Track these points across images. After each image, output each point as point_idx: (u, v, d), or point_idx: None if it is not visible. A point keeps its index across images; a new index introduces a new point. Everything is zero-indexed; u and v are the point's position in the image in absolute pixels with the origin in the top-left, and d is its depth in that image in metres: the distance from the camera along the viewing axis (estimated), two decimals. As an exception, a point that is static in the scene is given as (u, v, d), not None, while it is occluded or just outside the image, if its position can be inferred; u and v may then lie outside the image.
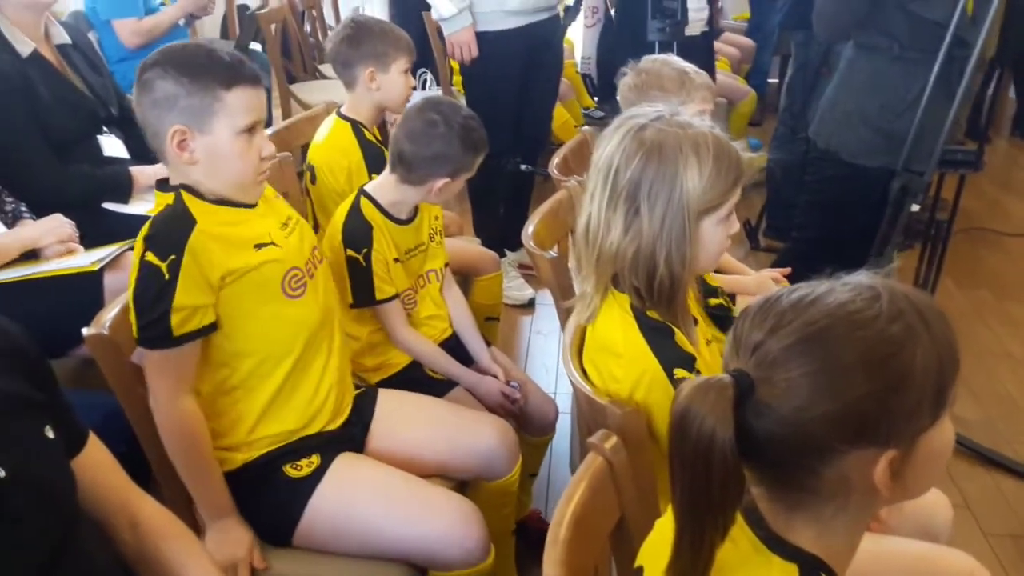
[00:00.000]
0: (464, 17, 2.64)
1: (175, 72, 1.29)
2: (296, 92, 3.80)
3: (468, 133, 1.73)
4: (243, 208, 1.40)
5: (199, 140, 1.32)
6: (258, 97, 1.36)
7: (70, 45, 2.33)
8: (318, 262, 1.52)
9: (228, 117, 1.31)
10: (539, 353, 2.82)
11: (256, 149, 1.36)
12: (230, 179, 1.37)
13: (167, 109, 1.30)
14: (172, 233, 1.31)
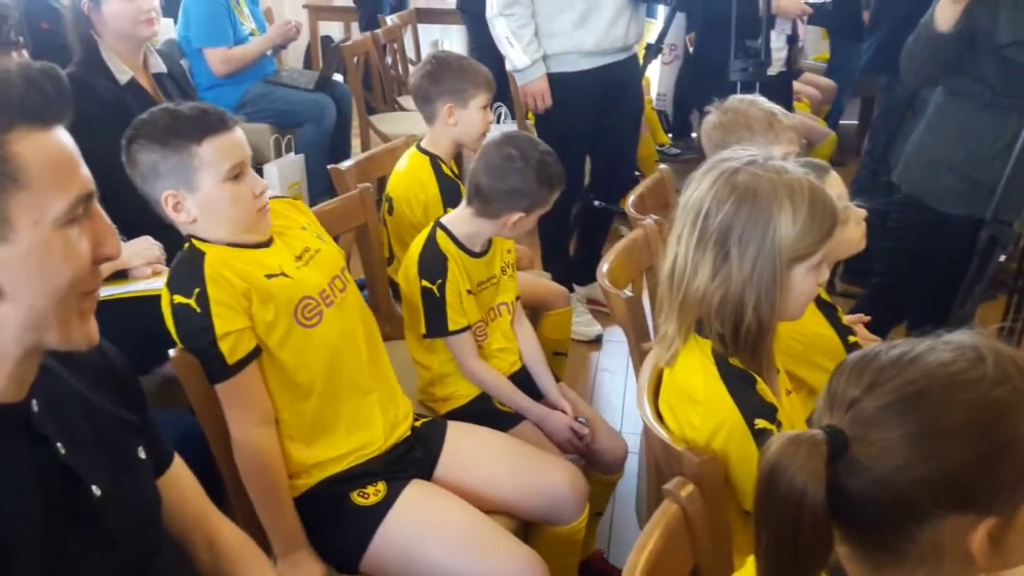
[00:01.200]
0: (538, 67, 2.65)
1: (147, 141, 1.34)
2: (375, 123, 3.88)
3: (544, 168, 1.74)
4: (253, 249, 1.44)
5: (191, 199, 1.36)
6: (232, 140, 1.37)
7: (165, 74, 2.43)
8: (339, 290, 1.53)
9: (209, 168, 1.34)
10: (605, 390, 2.80)
11: (247, 189, 1.39)
12: (231, 225, 1.40)
13: (153, 178, 1.35)
14: (187, 269, 1.36)
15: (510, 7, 2.57)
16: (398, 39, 4.40)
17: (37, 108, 0.78)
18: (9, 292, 0.78)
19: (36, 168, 0.77)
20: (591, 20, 2.63)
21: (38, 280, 0.78)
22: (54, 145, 0.80)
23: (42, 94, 0.78)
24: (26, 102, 0.77)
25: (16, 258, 0.77)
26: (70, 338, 0.83)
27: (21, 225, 0.76)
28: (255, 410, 1.39)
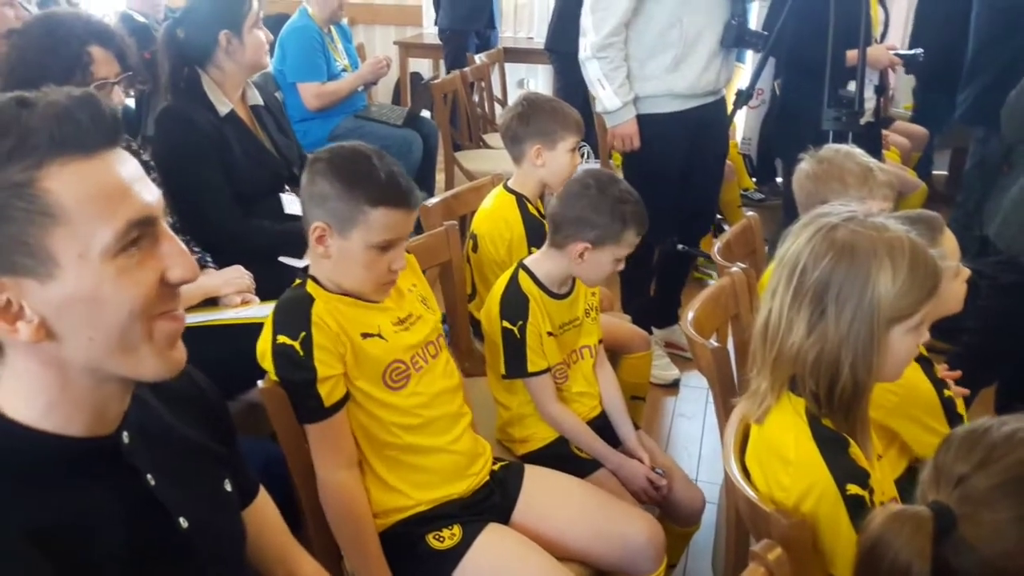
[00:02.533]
0: (628, 110, 2.65)
1: (334, 174, 1.37)
2: (460, 159, 3.94)
3: (619, 204, 1.72)
4: (361, 302, 1.47)
5: (336, 241, 1.40)
6: (403, 219, 1.41)
7: (262, 107, 2.52)
8: (431, 356, 1.55)
9: (366, 232, 1.38)
10: (682, 437, 2.75)
11: (386, 263, 1.42)
12: (353, 282, 1.44)
13: (318, 204, 1.39)
14: (296, 312, 1.39)
15: (604, 50, 2.59)
16: (485, 78, 4.47)
17: (71, 140, 0.76)
18: (66, 330, 0.77)
19: (74, 201, 0.75)
20: (685, 64, 2.63)
21: (94, 313, 0.77)
22: (96, 174, 0.77)
23: (77, 125, 0.76)
24: (56, 135, 0.75)
25: (67, 294, 0.76)
26: (143, 367, 0.82)
27: (66, 260, 0.75)
28: (342, 453, 1.42)
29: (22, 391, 0.81)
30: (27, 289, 0.75)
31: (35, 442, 0.81)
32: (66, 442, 0.82)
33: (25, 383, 0.81)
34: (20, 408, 0.81)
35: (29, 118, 0.75)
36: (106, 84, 1.85)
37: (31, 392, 0.81)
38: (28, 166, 0.74)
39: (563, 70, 4.45)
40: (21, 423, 0.80)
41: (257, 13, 2.32)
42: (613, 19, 2.56)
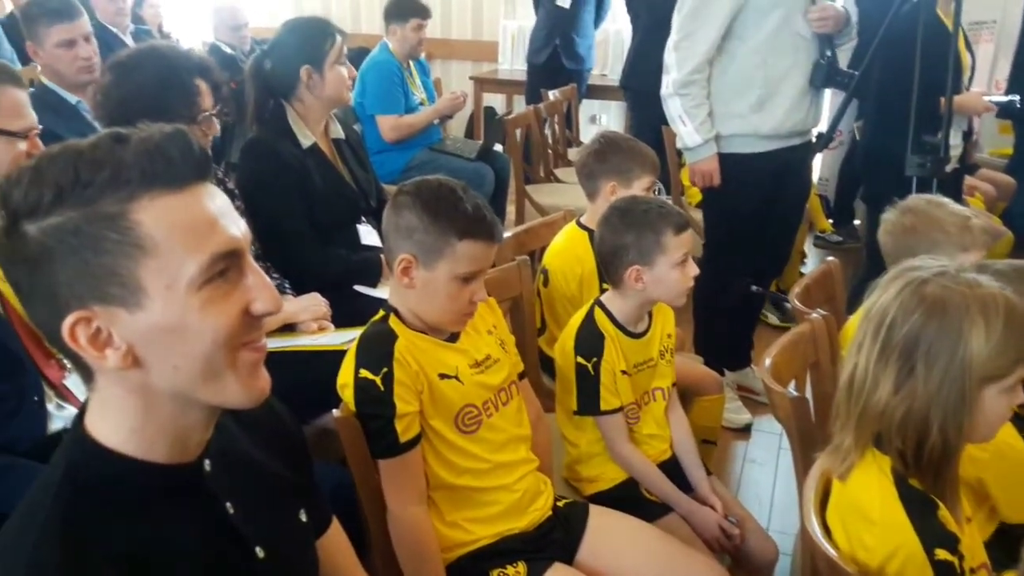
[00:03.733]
0: (709, 147, 2.63)
1: (422, 207, 1.40)
2: (531, 193, 3.96)
3: (644, 215, 1.73)
4: (441, 342, 1.49)
5: (421, 272, 1.42)
6: (487, 252, 1.44)
7: (343, 140, 2.58)
8: (503, 403, 1.55)
9: (452, 263, 1.40)
10: (752, 483, 2.67)
11: (469, 294, 1.44)
12: (435, 314, 1.46)
13: (404, 236, 1.42)
14: (379, 348, 1.41)
15: (686, 87, 2.58)
16: (559, 112, 4.50)
17: (162, 174, 0.77)
18: (152, 358, 0.79)
19: (164, 233, 0.77)
20: (770, 105, 2.60)
21: (180, 342, 0.78)
22: (185, 208, 0.79)
23: (168, 160, 0.78)
24: (148, 170, 0.77)
25: (154, 323, 0.77)
26: (227, 395, 0.83)
27: (154, 291, 0.77)
28: (414, 489, 1.43)
29: (109, 416, 0.83)
30: (116, 318, 0.77)
31: (120, 467, 0.82)
32: (149, 468, 0.83)
33: (112, 409, 0.83)
34: (106, 433, 0.83)
35: (123, 153, 0.77)
36: (209, 116, 1.93)
37: (117, 417, 0.83)
38: (121, 199, 0.76)
39: (637, 107, 4.44)
40: (107, 447, 0.82)
41: (339, 50, 2.38)
42: (696, 57, 2.56)
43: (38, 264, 0.76)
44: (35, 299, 0.78)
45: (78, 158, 0.76)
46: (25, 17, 2.69)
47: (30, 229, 0.75)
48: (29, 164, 0.78)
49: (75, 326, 0.77)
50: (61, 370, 1.59)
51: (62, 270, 0.76)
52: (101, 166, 0.76)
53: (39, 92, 2.67)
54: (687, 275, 1.76)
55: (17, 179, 0.76)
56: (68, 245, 0.75)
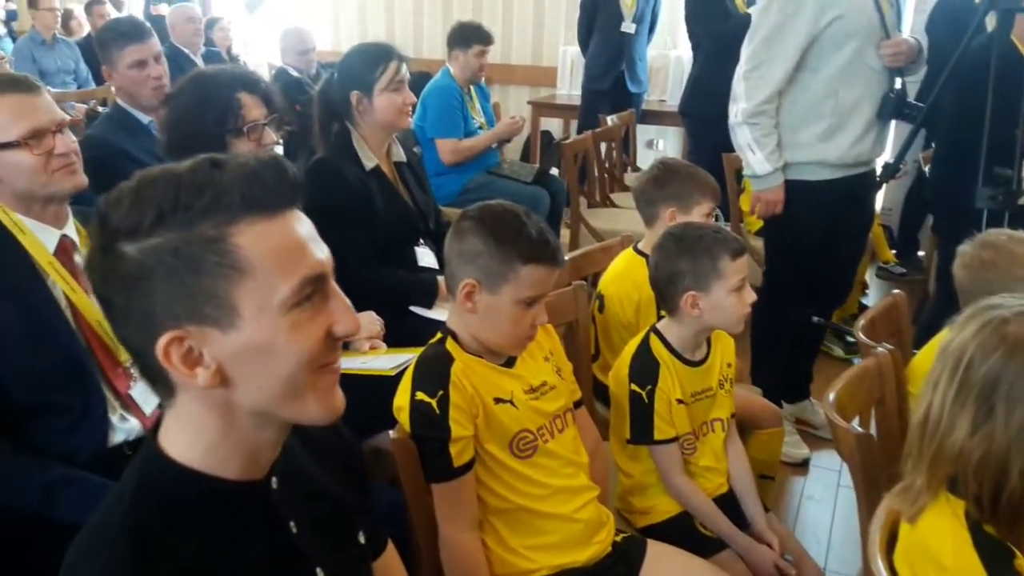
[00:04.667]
0: (777, 176, 2.61)
1: (486, 232, 1.40)
2: (587, 217, 3.95)
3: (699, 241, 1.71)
4: (497, 366, 1.48)
5: (484, 297, 1.42)
6: (551, 276, 1.44)
7: (405, 163, 2.61)
8: (558, 429, 1.54)
9: (516, 287, 1.40)
10: (810, 520, 2.60)
11: (531, 318, 1.44)
12: (497, 337, 1.46)
13: (468, 261, 1.42)
14: (436, 371, 1.41)
15: (756, 116, 2.57)
16: (616, 138, 4.49)
17: (258, 200, 0.79)
18: (239, 377, 0.81)
19: (259, 257, 0.79)
20: (838, 135, 2.58)
21: (267, 362, 0.80)
22: (279, 233, 0.81)
23: (263, 186, 0.80)
24: (246, 195, 0.79)
25: (244, 343, 0.79)
26: (306, 413, 0.85)
27: (247, 312, 0.79)
28: (466, 514, 1.43)
29: (185, 433, 0.84)
30: (209, 338, 0.79)
31: (192, 483, 0.84)
32: (221, 484, 0.85)
33: (189, 426, 0.84)
34: (181, 449, 0.84)
35: (222, 178, 0.80)
36: (257, 126, 1.97)
37: (194, 434, 0.84)
38: (220, 222, 0.78)
39: (696, 133, 4.42)
40: (181, 463, 0.84)
41: (392, 75, 2.40)
42: (767, 88, 2.55)
43: (135, 283, 0.78)
44: (128, 318, 0.80)
45: (178, 182, 0.79)
46: (99, 41, 2.78)
47: (129, 249, 0.77)
48: (129, 186, 0.80)
49: (169, 345, 0.78)
50: (127, 379, 1.63)
51: (160, 290, 0.78)
52: (201, 191, 0.78)
53: (114, 112, 2.76)
54: (744, 301, 1.73)
55: (117, 200, 0.79)
56: (167, 266, 0.77)
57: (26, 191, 1.55)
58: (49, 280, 1.55)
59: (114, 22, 3.19)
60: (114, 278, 0.79)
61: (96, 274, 0.80)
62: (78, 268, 1.60)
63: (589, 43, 5.09)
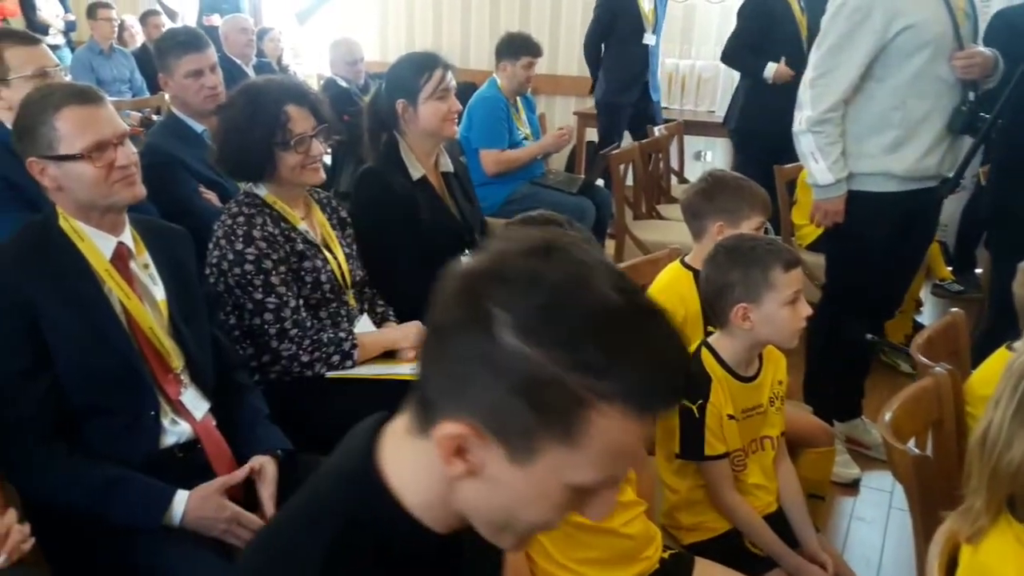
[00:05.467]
0: (840, 186, 2.56)
1: None
2: (633, 229, 3.92)
3: (749, 252, 1.68)
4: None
5: None
6: None
7: (452, 173, 2.62)
8: None
9: None
10: (859, 543, 2.53)
11: None
12: None
13: None
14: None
15: (820, 125, 2.52)
16: (663, 149, 4.46)
17: (649, 401, 0.72)
18: (481, 488, 0.76)
19: (599, 444, 0.71)
20: (906, 147, 2.52)
21: (514, 503, 0.76)
22: (634, 436, 0.73)
23: (662, 390, 0.72)
24: (642, 390, 0.71)
25: (511, 482, 0.74)
26: (497, 539, 0.83)
27: (541, 468, 0.72)
28: None
29: (418, 479, 0.80)
30: (492, 452, 0.74)
31: (408, 527, 0.81)
32: (430, 535, 0.82)
33: (423, 475, 0.80)
34: (407, 491, 0.81)
35: (633, 355, 0.71)
36: (304, 138, 1.99)
37: (425, 484, 0.80)
38: (597, 393, 0.70)
39: (742, 147, 4.37)
40: (404, 505, 0.81)
41: (437, 83, 2.41)
42: (833, 96, 2.50)
43: (488, 365, 0.71)
44: (445, 371, 0.75)
45: (600, 329, 0.70)
46: (158, 49, 2.86)
47: (510, 341, 0.70)
48: (545, 283, 0.71)
49: (450, 439, 0.74)
50: (178, 385, 1.65)
51: (492, 383, 0.71)
52: (611, 358, 0.70)
53: (169, 121, 2.82)
54: (799, 314, 1.69)
55: (525, 284, 0.71)
56: (523, 378, 0.70)
57: (87, 201, 1.58)
58: (105, 286, 1.58)
59: (174, 31, 3.26)
60: (470, 343, 0.72)
61: (451, 320, 0.74)
62: (133, 275, 1.64)
63: (599, 55, 5.00)
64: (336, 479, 0.84)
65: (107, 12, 6.05)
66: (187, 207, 2.46)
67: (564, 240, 0.75)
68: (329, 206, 2.23)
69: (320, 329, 2.02)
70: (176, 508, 1.50)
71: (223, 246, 1.95)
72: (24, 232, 1.59)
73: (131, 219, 1.68)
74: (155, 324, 1.62)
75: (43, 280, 1.51)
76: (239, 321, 1.97)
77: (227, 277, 1.94)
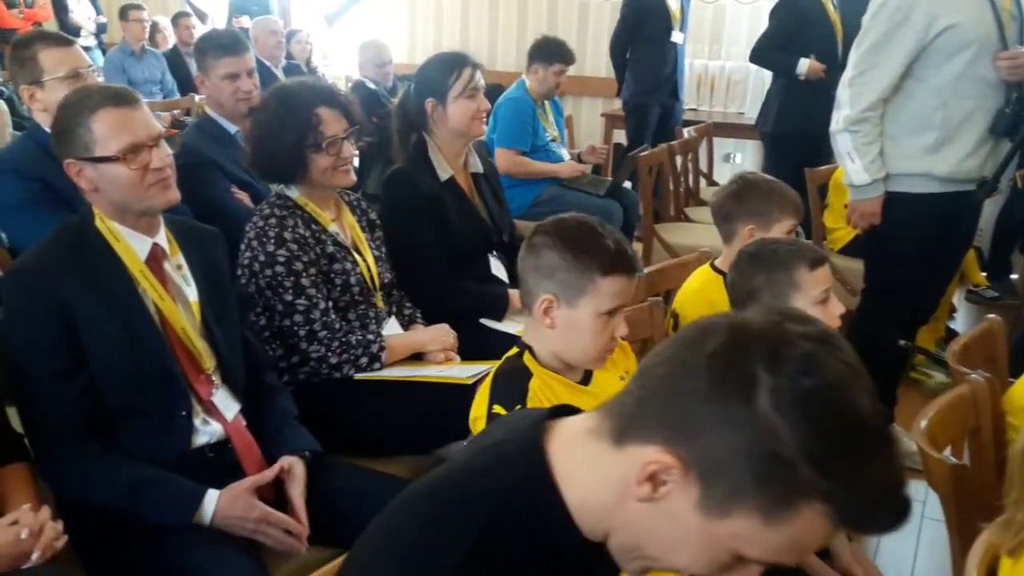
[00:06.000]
0: (877, 187, 2.53)
1: (562, 246, 1.38)
2: (660, 232, 3.90)
3: (774, 254, 1.66)
4: (573, 384, 1.46)
5: (563, 311, 1.40)
6: (629, 285, 1.41)
7: (481, 174, 2.61)
8: None
9: (596, 299, 1.38)
10: (892, 554, 2.49)
11: (611, 330, 1.41)
12: (577, 352, 1.44)
13: (545, 276, 1.40)
14: (514, 385, 1.40)
15: (858, 124, 2.49)
16: (693, 151, 4.43)
17: (867, 526, 0.77)
18: (659, 529, 0.78)
19: (791, 536, 0.72)
20: (947, 148, 2.48)
21: (678, 545, 0.78)
22: (819, 539, 0.75)
23: (886, 519, 0.73)
24: (867, 521, 0.74)
25: (689, 526, 0.75)
26: None
27: (724, 527, 0.73)
28: None
29: (586, 484, 0.81)
30: (685, 489, 0.74)
31: (565, 532, 0.82)
32: (582, 543, 0.82)
33: (594, 483, 0.81)
34: (569, 491, 0.82)
35: (865, 481, 0.71)
36: (335, 140, 1.99)
37: (592, 492, 0.81)
38: (820, 492, 0.70)
39: (774, 150, 4.33)
40: (569, 513, 0.81)
41: (466, 82, 2.41)
42: (871, 95, 2.47)
43: (726, 416, 0.71)
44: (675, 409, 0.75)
45: (846, 436, 0.71)
46: (197, 49, 2.90)
47: (766, 407, 0.70)
48: (820, 372, 0.71)
49: (656, 464, 0.74)
50: (210, 386, 1.66)
51: (712, 440, 0.72)
52: (850, 458, 0.70)
53: (203, 122, 2.84)
54: (830, 313, 1.66)
55: (795, 364, 0.71)
56: (759, 442, 0.70)
57: (122, 203, 1.59)
58: (140, 287, 1.59)
59: (214, 33, 3.30)
60: (721, 393, 0.72)
61: (705, 363, 0.73)
62: (167, 276, 1.65)
63: (626, 56, 4.97)
64: (499, 458, 0.85)
65: (138, 13, 6.13)
66: (220, 208, 2.48)
67: (838, 338, 0.75)
68: (359, 208, 2.24)
69: (348, 331, 2.03)
70: (207, 507, 1.51)
71: (254, 247, 1.96)
72: (61, 233, 1.61)
73: (165, 219, 1.69)
74: (187, 325, 1.64)
75: (79, 281, 1.53)
76: (269, 322, 1.98)
77: (258, 278, 1.95)
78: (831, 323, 1.66)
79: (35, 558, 1.33)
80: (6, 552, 1.31)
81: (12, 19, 6.28)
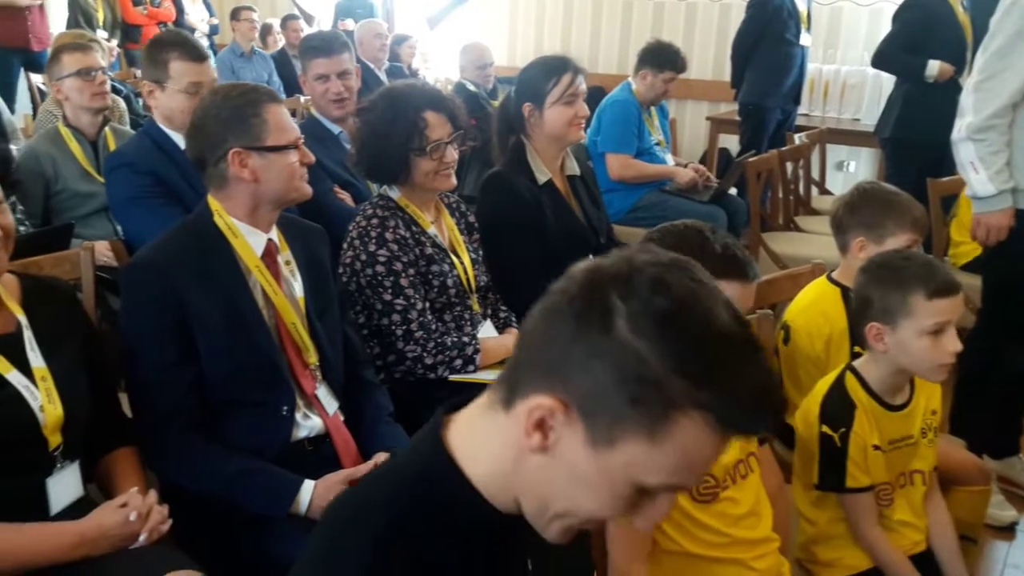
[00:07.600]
0: (1003, 199, 2.35)
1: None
2: (767, 240, 3.75)
3: (896, 271, 1.56)
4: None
5: None
6: (742, 291, 1.36)
7: (579, 177, 2.57)
8: (740, 476, 1.46)
9: None
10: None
11: None
12: None
13: None
14: None
15: (983, 132, 2.33)
16: (804, 157, 4.25)
17: (741, 425, 0.75)
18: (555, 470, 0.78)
19: (678, 449, 0.74)
20: None
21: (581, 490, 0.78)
22: (712, 450, 0.76)
23: (757, 416, 0.75)
24: (745, 418, 0.74)
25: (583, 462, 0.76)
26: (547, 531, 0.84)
27: (615, 457, 0.74)
28: (642, 547, 1.38)
29: (487, 452, 0.83)
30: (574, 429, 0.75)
31: (471, 502, 0.83)
32: (492, 512, 0.84)
33: (490, 449, 0.82)
34: (469, 464, 0.84)
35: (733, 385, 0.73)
36: (439, 145, 1.98)
37: (493, 456, 0.82)
38: (692, 400, 0.72)
39: (895, 159, 4.08)
40: (471, 482, 0.83)
41: (565, 87, 2.38)
42: (998, 100, 2.31)
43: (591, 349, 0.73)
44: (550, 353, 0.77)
45: (707, 346, 0.73)
46: (299, 51, 2.99)
47: (624, 333, 0.73)
48: (671, 292, 0.74)
49: (543, 403, 0.76)
50: (314, 380, 1.68)
51: (583, 375, 0.74)
52: (715, 366, 0.73)
53: (308, 123, 2.90)
54: (942, 348, 1.53)
55: (645, 287, 0.74)
56: (625, 367, 0.73)
57: (274, 195, 1.64)
58: (250, 281, 1.62)
59: (310, 36, 3.37)
60: (583, 328, 0.74)
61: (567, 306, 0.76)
62: (280, 270, 1.67)
63: (748, 56, 4.81)
64: (400, 458, 0.91)
65: (249, 14, 6.33)
66: (322, 206, 2.51)
67: (688, 261, 0.79)
68: (458, 211, 2.23)
69: (444, 332, 2.02)
70: (303, 497, 1.53)
71: (357, 247, 1.97)
72: (179, 230, 1.65)
73: None
74: (297, 319, 1.66)
75: (194, 276, 1.56)
76: (367, 320, 2.00)
77: (359, 277, 1.97)
78: (942, 358, 1.54)
79: (142, 540, 1.38)
80: (115, 532, 1.36)
81: (138, 15, 6.55)
